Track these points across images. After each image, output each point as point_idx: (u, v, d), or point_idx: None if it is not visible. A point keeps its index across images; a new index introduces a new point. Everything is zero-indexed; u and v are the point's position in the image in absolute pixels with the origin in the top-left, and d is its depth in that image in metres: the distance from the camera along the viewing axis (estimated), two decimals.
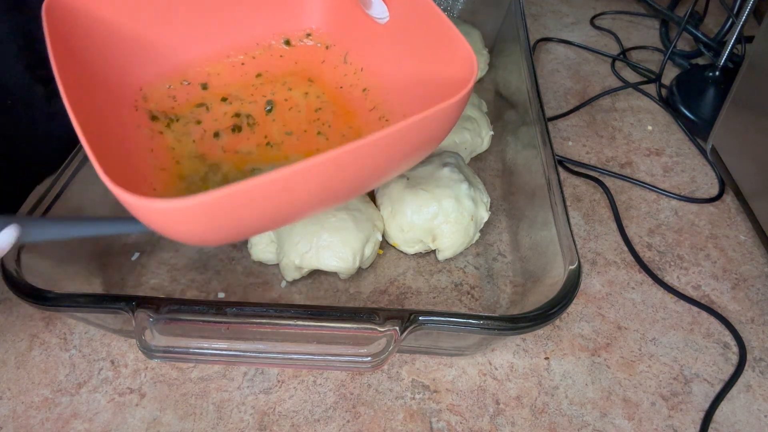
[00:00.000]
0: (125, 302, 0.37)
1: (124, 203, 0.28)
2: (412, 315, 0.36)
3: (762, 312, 0.48)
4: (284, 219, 0.34)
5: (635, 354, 0.45)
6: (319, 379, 0.43)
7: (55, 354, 0.45)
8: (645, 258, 0.52)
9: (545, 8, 0.88)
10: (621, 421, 0.41)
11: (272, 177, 0.27)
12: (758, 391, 0.43)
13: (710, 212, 0.56)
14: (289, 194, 0.30)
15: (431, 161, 0.51)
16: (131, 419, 0.41)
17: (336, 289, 0.48)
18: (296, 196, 0.30)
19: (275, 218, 0.32)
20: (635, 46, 0.79)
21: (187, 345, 0.36)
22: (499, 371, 0.44)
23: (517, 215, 0.52)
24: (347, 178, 0.32)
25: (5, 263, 0.39)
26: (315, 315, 0.36)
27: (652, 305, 0.48)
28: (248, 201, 0.28)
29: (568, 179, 0.60)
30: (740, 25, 0.62)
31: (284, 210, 0.31)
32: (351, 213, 0.47)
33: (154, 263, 0.50)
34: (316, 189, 0.31)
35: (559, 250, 0.40)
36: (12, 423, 0.41)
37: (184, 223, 0.29)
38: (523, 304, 0.41)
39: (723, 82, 0.66)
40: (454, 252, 0.49)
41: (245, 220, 0.30)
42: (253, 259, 0.50)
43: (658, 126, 0.66)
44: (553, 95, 0.71)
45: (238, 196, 0.28)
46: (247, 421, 0.41)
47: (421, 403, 0.42)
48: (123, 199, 0.28)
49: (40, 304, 0.38)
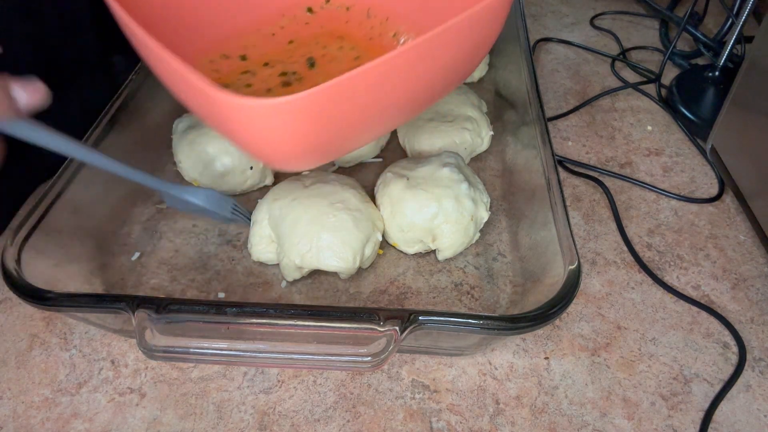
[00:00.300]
0: (125, 302, 0.37)
1: (229, 108, 0.30)
2: (412, 315, 0.36)
3: (762, 312, 0.48)
4: (379, 121, 0.37)
5: (635, 354, 0.45)
6: (319, 379, 0.43)
7: (55, 354, 0.45)
8: (645, 258, 0.52)
9: (545, 8, 0.88)
10: (621, 421, 0.41)
11: (366, 68, 0.30)
12: (758, 391, 0.43)
13: (710, 212, 0.56)
14: (382, 86, 0.33)
15: (431, 161, 0.51)
16: (131, 419, 0.41)
17: (336, 289, 0.48)
18: (388, 89, 0.33)
19: (371, 119, 0.35)
20: (635, 47, 0.79)
21: (187, 345, 0.36)
22: (499, 371, 0.44)
23: (517, 215, 0.52)
24: (426, 71, 0.35)
25: (5, 263, 0.39)
26: (315, 315, 0.36)
27: (651, 305, 0.48)
28: (349, 94, 0.31)
29: (568, 179, 0.60)
30: (740, 25, 0.62)
31: (379, 107, 0.35)
32: (351, 213, 0.47)
33: (154, 263, 0.50)
34: (402, 82, 0.34)
35: (559, 250, 0.40)
36: (12, 423, 0.41)
37: (289, 124, 0.31)
38: (523, 304, 0.41)
39: (723, 83, 0.66)
40: (454, 252, 0.49)
41: (344, 119, 0.33)
42: (253, 259, 0.50)
43: (657, 126, 0.66)
44: (553, 95, 0.71)
45: (340, 88, 0.30)
46: (247, 421, 0.41)
47: (421, 402, 0.42)
48: (229, 102, 0.29)
49: (40, 304, 0.38)
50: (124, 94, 0.54)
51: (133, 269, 0.49)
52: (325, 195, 0.48)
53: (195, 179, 0.55)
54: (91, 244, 0.48)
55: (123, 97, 0.54)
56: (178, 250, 0.51)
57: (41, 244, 0.42)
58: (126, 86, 0.55)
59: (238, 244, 0.52)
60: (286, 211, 0.47)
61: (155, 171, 0.58)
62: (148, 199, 0.55)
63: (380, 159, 0.60)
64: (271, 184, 0.56)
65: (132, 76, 0.56)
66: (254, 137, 0.33)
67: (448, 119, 0.58)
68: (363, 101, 0.33)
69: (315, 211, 0.46)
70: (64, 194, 0.45)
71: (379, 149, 0.59)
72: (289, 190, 0.49)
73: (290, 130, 0.31)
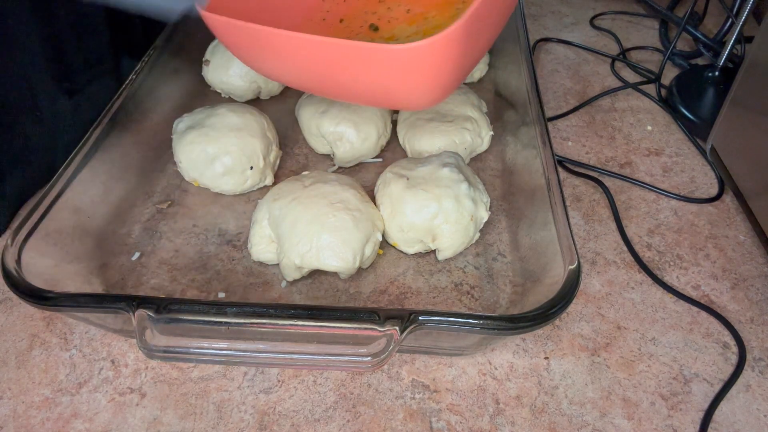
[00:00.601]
0: (126, 302, 0.37)
1: (380, 54, 0.38)
2: (412, 315, 0.36)
3: (761, 312, 0.48)
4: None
5: (635, 354, 0.45)
6: (319, 379, 0.43)
7: (55, 354, 0.45)
8: (644, 258, 0.52)
9: (545, 8, 0.88)
10: (621, 421, 0.41)
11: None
12: (758, 391, 0.43)
13: (710, 212, 0.56)
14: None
15: (431, 161, 0.51)
16: (131, 419, 0.41)
17: (336, 289, 0.48)
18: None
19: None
20: (635, 47, 0.79)
21: (187, 345, 0.36)
22: (499, 371, 0.44)
23: (517, 215, 0.52)
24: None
25: (5, 263, 0.39)
26: (315, 315, 0.36)
27: (651, 305, 0.48)
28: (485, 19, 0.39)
29: (568, 179, 0.60)
30: (740, 25, 0.62)
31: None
32: (351, 213, 0.47)
33: (154, 263, 0.50)
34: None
35: (559, 250, 0.40)
36: (12, 423, 0.41)
37: (450, 54, 0.38)
38: (523, 304, 0.41)
39: (722, 83, 0.66)
40: (454, 252, 0.49)
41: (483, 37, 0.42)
42: (253, 259, 0.50)
43: (657, 126, 0.66)
44: (553, 95, 0.71)
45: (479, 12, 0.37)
46: (248, 421, 0.41)
47: (421, 402, 0.42)
48: (377, 50, 0.38)
49: (40, 304, 0.38)
50: (124, 94, 0.54)
51: (133, 269, 0.49)
52: (325, 195, 0.48)
53: (195, 179, 0.55)
54: (91, 244, 0.48)
55: (123, 97, 0.54)
56: (178, 250, 0.51)
57: (41, 244, 0.42)
58: (126, 86, 0.55)
59: (238, 244, 0.52)
60: (286, 211, 0.47)
61: (155, 171, 0.58)
62: (148, 199, 0.55)
63: (380, 159, 0.60)
64: (271, 184, 0.56)
65: (132, 76, 0.56)
66: (421, 78, 0.40)
67: (448, 119, 0.58)
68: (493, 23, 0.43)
69: (315, 211, 0.46)
70: (64, 194, 0.45)
71: (379, 149, 0.60)
72: (289, 190, 0.49)
73: (452, 60, 0.39)
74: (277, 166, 0.59)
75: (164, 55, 0.61)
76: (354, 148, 0.57)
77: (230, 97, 0.66)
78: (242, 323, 0.36)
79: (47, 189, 0.44)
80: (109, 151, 0.50)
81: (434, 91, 0.42)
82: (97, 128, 0.50)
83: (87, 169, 0.47)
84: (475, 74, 0.69)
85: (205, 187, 0.55)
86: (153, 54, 0.60)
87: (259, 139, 0.54)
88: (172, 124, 0.57)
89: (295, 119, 0.62)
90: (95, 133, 0.49)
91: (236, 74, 0.63)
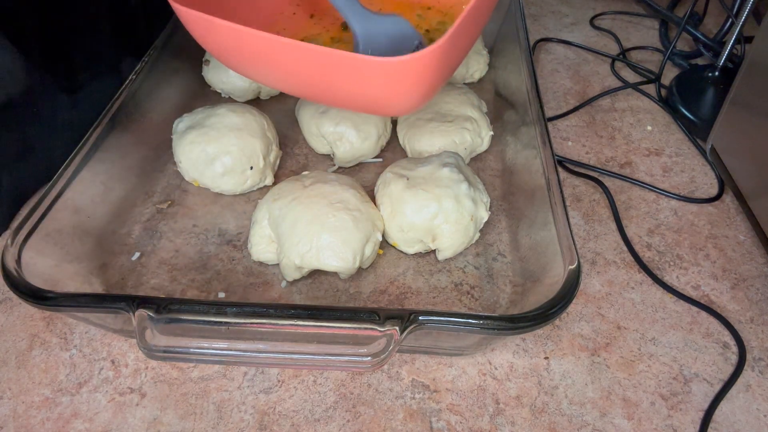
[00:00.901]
0: (126, 302, 0.37)
1: (365, 66, 0.38)
2: (412, 315, 0.36)
3: (761, 312, 0.48)
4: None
5: (635, 354, 0.45)
6: (319, 379, 0.43)
7: (55, 354, 0.45)
8: (644, 258, 0.52)
9: (545, 8, 0.88)
10: (620, 421, 0.41)
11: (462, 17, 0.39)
12: (758, 391, 0.43)
13: (709, 212, 0.56)
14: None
15: (431, 161, 0.51)
16: (131, 419, 0.41)
17: (336, 289, 0.48)
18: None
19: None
20: (635, 47, 0.79)
21: (187, 345, 0.36)
22: (499, 371, 0.44)
23: (517, 215, 0.52)
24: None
25: (5, 263, 0.39)
26: (315, 315, 0.36)
27: (651, 305, 0.48)
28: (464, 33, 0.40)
29: (568, 179, 0.60)
30: (740, 25, 0.62)
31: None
32: (351, 213, 0.47)
33: (154, 263, 0.50)
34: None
35: (559, 250, 0.40)
36: (12, 423, 0.41)
37: (430, 70, 0.39)
38: (523, 304, 0.41)
39: (722, 83, 0.66)
40: (454, 252, 0.49)
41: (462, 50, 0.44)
42: (253, 259, 0.50)
43: (657, 126, 0.66)
44: (553, 95, 0.71)
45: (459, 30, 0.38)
46: (248, 421, 0.41)
47: (421, 402, 0.42)
48: (364, 62, 0.37)
49: (40, 304, 0.38)
50: (124, 94, 0.54)
51: (133, 269, 0.49)
52: (325, 195, 0.48)
53: (195, 179, 0.55)
54: (91, 244, 0.48)
55: (123, 97, 0.54)
56: (178, 250, 0.51)
57: (41, 244, 0.42)
58: (126, 86, 0.55)
59: (238, 244, 0.52)
60: (286, 211, 0.47)
61: (155, 171, 0.58)
62: (148, 199, 0.55)
63: (380, 159, 0.60)
64: (271, 184, 0.56)
65: (132, 76, 0.56)
66: (403, 88, 0.39)
67: (448, 119, 0.58)
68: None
69: (315, 211, 0.46)
70: (64, 194, 0.45)
71: (379, 149, 0.60)
72: (289, 190, 0.49)
73: (432, 75, 0.39)
74: (277, 166, 0.59)
75: (164, 55, 0.61)
76: (354, 148, 0.57)
77: (230, 97, 0.66)
78: (242, 323, 0.36)
79: (47, 189, 0.44)
80: (109, 151, 0.50)
81: (413, 101, 0.42)
82: (97, 128, 0.50)
83: (87, 169, 0.47)
84: (475, 74, 0.69)
85: (205, 187, 0.55)
86: (153, 54, 0.59)
87: (259, 139, 0.54)
88: (172, 124, 0.57)
89: (295, 119, 0.62)
90: (95, 133, 0.49)
91: (236, 74, 0.63)
